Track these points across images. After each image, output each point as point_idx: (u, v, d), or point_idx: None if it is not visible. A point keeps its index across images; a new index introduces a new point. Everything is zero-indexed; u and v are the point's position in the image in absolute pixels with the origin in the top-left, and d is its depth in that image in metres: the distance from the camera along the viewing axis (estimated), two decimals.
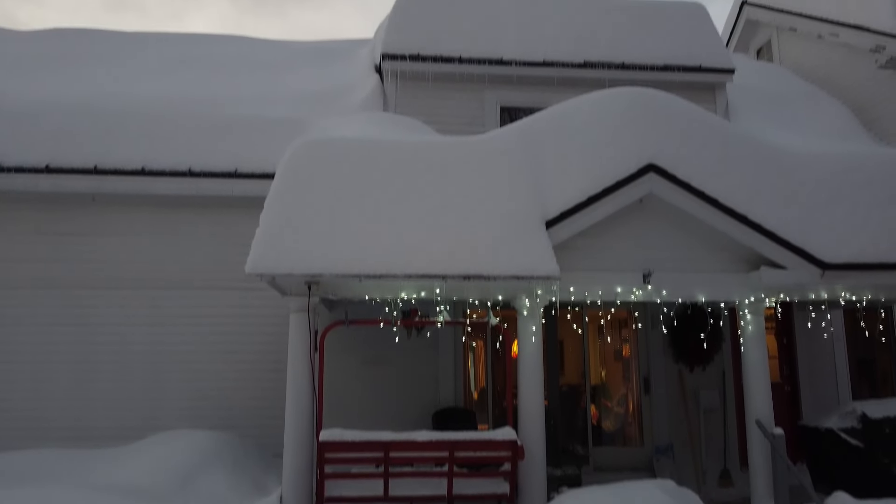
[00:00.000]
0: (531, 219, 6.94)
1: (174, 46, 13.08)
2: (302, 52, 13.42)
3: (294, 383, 6.87)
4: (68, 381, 9.21)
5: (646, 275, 7.26)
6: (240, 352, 9.44)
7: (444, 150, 7.37)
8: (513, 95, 10.59)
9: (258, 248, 6.55)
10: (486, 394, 10.06)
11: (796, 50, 13.96)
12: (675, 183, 7.18)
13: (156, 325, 9.42)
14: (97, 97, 10.38)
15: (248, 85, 11.55)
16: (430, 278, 6.58)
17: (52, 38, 13.05)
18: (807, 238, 7.30)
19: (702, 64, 10.73)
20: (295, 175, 6.96)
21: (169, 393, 9.28)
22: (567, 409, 10.05)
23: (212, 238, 9.66)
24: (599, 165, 7.24)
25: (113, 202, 9.56)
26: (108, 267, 9.50)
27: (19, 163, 9.22)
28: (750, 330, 7.52)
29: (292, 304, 6.99)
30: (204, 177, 9.40)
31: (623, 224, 7.41)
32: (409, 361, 9.49)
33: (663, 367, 9.94)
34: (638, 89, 7.75)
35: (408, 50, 10.27)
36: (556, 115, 7.67)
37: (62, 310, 9.36)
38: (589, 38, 10.74)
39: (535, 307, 7.17)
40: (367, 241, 6.69)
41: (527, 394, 7.07)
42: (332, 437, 6.34)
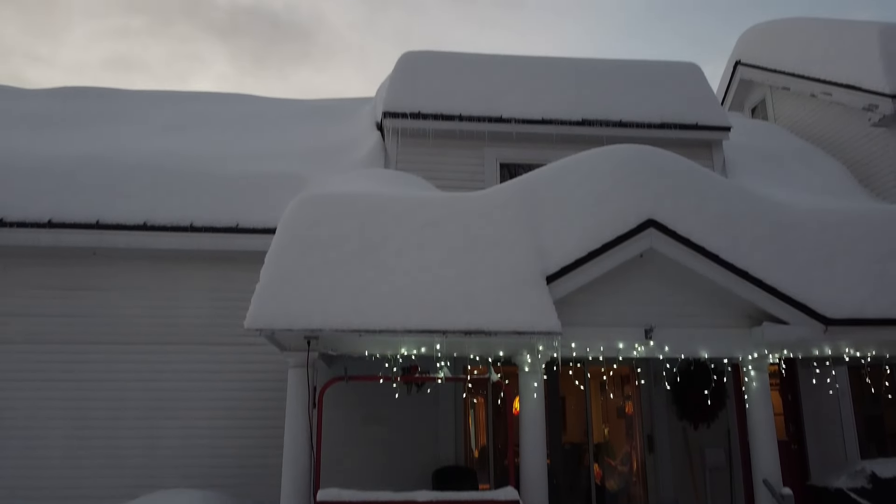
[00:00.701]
0: (531, 274, 6.94)
1: (180, 104, 13.32)
2: (305, 110, 13.66)
3: (292, 440, 6.75)
4: (61, 437, 9.05)
5: (647, 330, 7.21)
6: (237, 408, 9.30)
7: (445, 205, 7.42)
8: (512, 152, 10.72)
9: (258, 303, 6.53)
10: (487, 452, 9.87)
11: (790, 108, 14.20)
12: (674, 238, 7.21)
13: (153, 380, 9.31)
14: (102, 154, 10.51)
15: (252, 142, 11.71)
16: (431, 333, 6.54)
17: (60, 96, 13.31)
18: (808, 293, 7.29)
19: (698, 121, 10.91)
20: (295, 230, 6.99)
21: (164, 450, 9.12)
22: (570, 467, 9.86)
23: (212, 293, 9.64)
24: (599, 221, 7.28)
25: (114, 256, 9.58)
26: (107, 322, 9.45)
27: (22, 218, 9.26)
28: (754, 386, 7.43)
29: (291, 359, 6.92)
30: (205, 232, 9.43)
31: (624, 279, 7.40)
32: (408, 419, 9.35)
33: (667, 425, 9.78)
34: (636, 146, 7.85)
35: (409, 108, 10.45)
36: (556, 171, 7.75)
37: (58, 365, 9.27)
38: (587, 97, 10.94)
39: (537, 363, 7.10)
40: (367, 295, 6.67)
41: (529, 452, 6.93)
42: (329, 497, 6.19)
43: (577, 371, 9.59)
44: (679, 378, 9.59)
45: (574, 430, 10.29)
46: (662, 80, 11.43)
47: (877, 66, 11.58)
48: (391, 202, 7.35)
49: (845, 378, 10.11)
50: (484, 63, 11.35)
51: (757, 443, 7.34)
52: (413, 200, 7.42)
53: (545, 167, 7.87)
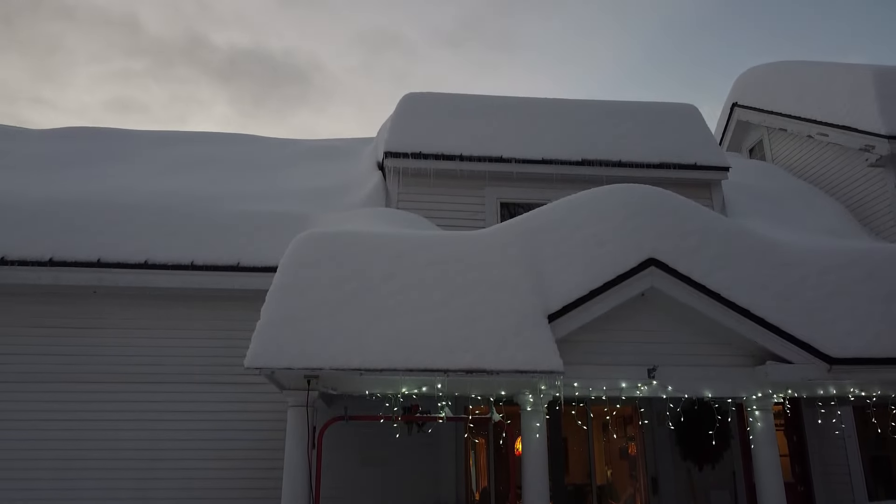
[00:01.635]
0: (533, 313, 6.91)
1: (181, 145, 13.45)
2: (306, 150, 13.79)
3: (291, 481, 6.64)
4: (57, 479, 8.91)
5: (650, 370, 7.16)
6: (235, 448, 9.18)
7: (445, 244, 7.43)
8: (512, 192, 10.79)
9: (257, 342, 6.49)
10: (489, 493, 9.71)
11: (788, 149, 14.34)
12: (676, 277, 7.21)
13: (149, 420, 9.21)
14: (104, 193, 10.59)
15: (253, 182, 11.80)
16: (432, 373, 6.48)
17: (63, 137, 13.45)
18: (812, 332, 7.25)
19: (697, 162, 11.00)
20: (297, 267, 6.99)
21: (161, 492, 8.97)
22: None
23: (211, 332, 9.59)
24: (600, 260, 7.28)
25: (114, 295, 9.56)
26: (104, 360, 9.38)
27: (23, 256, 9.27)
28: (759, 427, 7.35)
29: (290, 398, 6.85)
30: (206, 270, 9.43)
31: (626, 318, 7.37)
32: (408, 460, 9.22)
33: (671, 466, 9.65)
34: (637, 186, 7.91)
35: (410, 148, 10.56)
36: (556, 210, 7.79)
37: (52, 405, 9.17)
38: (587, 137, 11.06)
39: (539, 403, 7.03)
40: (367, 334, 6.63)
41: (532, 493, 6.82)
42: None
43: (579, 411, 9.48)
44: (683, 418, 9.48)
45: (577, 471, 10.15)
46: (661, 120, 11.57)
47: (872, 108, 11.72)
48: (392, 241, 7.37)
49: (851, 418, 10.01)
50: (484, 104, 11.50)
51: (763, 484, 7.23)
52: (414, 239, 7.44)
53: (546, 206, 7.91)
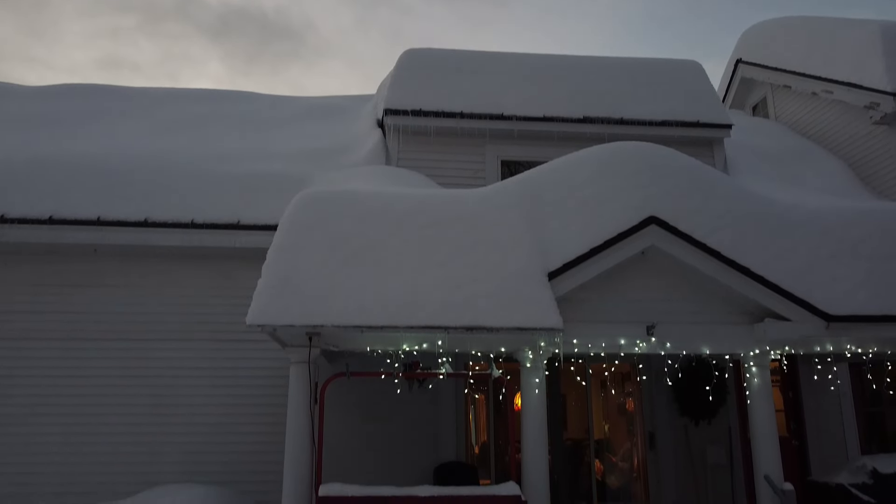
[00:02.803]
0: (533, 271, 6.94)
1: (179, 102, 13.31)
2: (305, 108, 13.65)
3: (293, 436, 6.74)
4: (61, 434, 9.03)
5: (649, 327, 7.21)
6: (237, 405, 9.29)
7: (446, 202, 7.42)
8: (513, 150, 10.72)
9: (259, 300, 6.52)
10: (488, 448, 9.88)
11: (791, 107, 14.20)
12: (676, 235, 7.21)
13: (153, 377, 9.30)
14: (103, 151, 10.52)
15: (253, 140, 11.71)
16: (433, 330, 6.54)
17: (59, 94, 13.30)
18: (810, 291, 7.29)
19: (699, 119, 10.90)
20: (297, 227, 6.99)
21: (164, 447, 9.10)
22: (571, 464, 9.86)
23: (213, 290, 9.63)
24: (601, 218, 7.28)
25: (114, 254, 9.57)
26: (107, 319, 9.43)
27: (23, 214, 9.25)
28: (756, 383, 7.43)
29: (293, 355, 6.92)
30: (206, 228, 9.42)
31: (626, 277, 7.40)
32: (408, 416, 9.34)
33: (668, 422, 9.79)
34: (638, 144, 7.85)
35: (410, 105, 10.45)
36: (558, 168, 7.75)
37: (57, 362, 9.25)
38: (588, 95, 10.94)
39: (539, 360, 7.10)
40: (369, 292, 6.67)
41: (530, 448, 6.94)
42: (331, 492, 6.20)
43: (578, 368, 9.59)
44: (681, 375, 9.60)
45: (575, 427, 10.31)
46: (664, 77, 11.43)
47: (878, 65, 11.58)
48: (393, 200, 7.35)
49: (846, 375, 10.12)
50: (484, 61, 11.35)
51: (758, 439, 7.34)
52: (415, 198, 7.42)
53: (547, 164, 7.87)
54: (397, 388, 8.39)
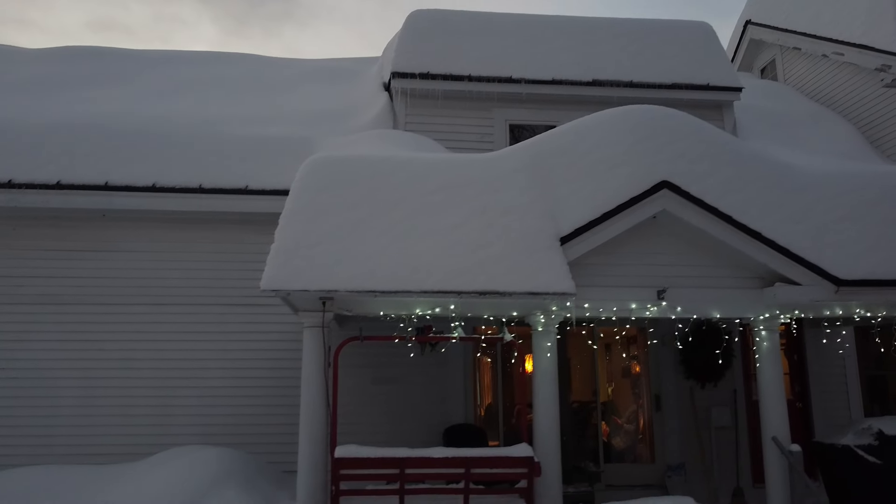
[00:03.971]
0: (545, 236, 6.95)
1: (182, 66, 13.16)
2: (309, 70, 13.50)
3: (308, 399, 6.83)
4: (74, 398, 9.12)
5: (660, 291, 7.25)
6: (248, 368, 9.37)
7: (457, 166, 7.39)
8: (521, 113, 10.64)
9: (273, 265, 6.54)
10: (496, 411, 10.00)
11: (801, 69, 14.06)
12: (688, 199, 7.20)
13: (163, 341, 9.35)
14: (108, 115, 10.44)
15: (258, 103, 11.61)
16: (446, 294, 6.57)
17: (58, 57, 13.14)
18: (820, 255, 7.31)
19: (709, 82, 10.80)
20: (309, 191, 6.98)
21: (176, 409, 9.20)
22: (578, 426, 9.99)
23: (221, 255, 9.64)
24: (612, 183, 7.26)
25: (123, 218, 9.56)
26: (116, 283, 9.46)
27: (30, 179, 9.22)
28: (765, 346, 7.50)
29: (306, 319, 6.96)
30: (214, 193, 9.40)
31: (636, 241, 7.41)
32: (417, 379, 9.43)
33: (674, 385, 9.89)
34: (649, 107, 7.80)
35: (418, 68, 10.34)
36: (568, 132, 7.71)
37: (68, 326, 9.29)
38: (597, 57, 10.81)
39: (550, 324, 7.15)
40: (381, 257, 6.69)
41: (541, 410, 7.03)
42: (347, 454, 6.30)
43: (584, 332, 9.65)
44: (687, 338, 9.67)
45: (582, 390, 10.41)
46: (673, 39, 11.28)
47: (890, 26, 11.43)
48: (403, 164, 7.33)
49: (851, 338, 10.20)
50: (491, 22, 11.19)
51: (766, 401, 7.43)
52: (425, 162, 7.40)
53: (557, 129, 7.82)
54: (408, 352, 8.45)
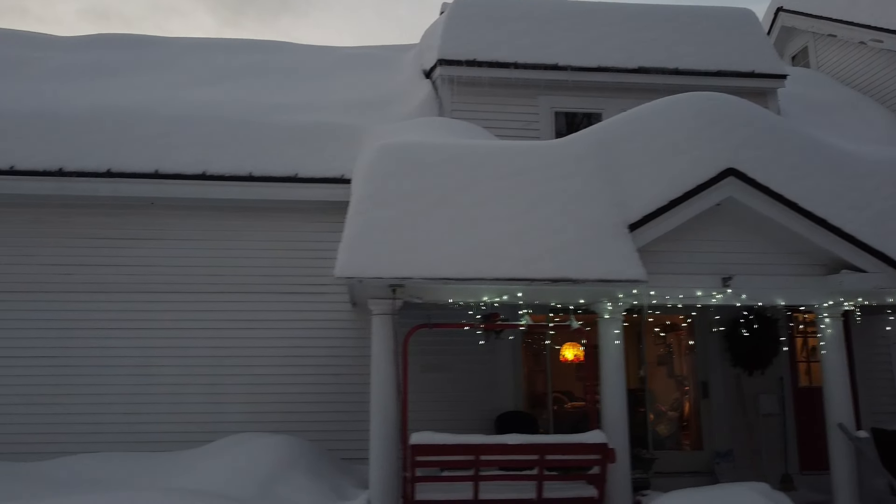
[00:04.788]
0: (613, 223, 6.96)
1: (217, 53, 13.10)
2: (343, 58, 13.41)
3: (378, 385, 6.85)
4: (126, 385, 9.13)
5: (725, 278, 7.27)
6: (299, 356, 9.37)
7: (523, 153, 7.39)
8: (566, 101, 10.61)
9: (346, 252, 6.55)
10: (542, 398, 10.04)
11: (835, 56, 14.01)
12: (754, 187, 7.21)
13: (214, 329, 9.35)
14: (153, 103, 10.40)
15: (299, 91, 11.56)
16: (518, 282, 6.59)
17: (93, 44, 13.09)
18: (883, 242, 7.33)
19: (754, 69, 10.77)
20: (379, 178, 6.98)
21: (228, 397, 9.21)
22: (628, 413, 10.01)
23: (270, 243, 9.63)
24: (678, 170, 7.27)
25: (172, 206, 9.54)
26: (166, 272, 9.45)
27: (81, 167, 9.21)
28: (829, 333, 7.53)
29: (375, 307, 6.97)
30: (264, 181, 9.40)
31: (700, 229, 7.43)
32: (465, 367, 9.43)
33: (721, 372, 9.92)
34: (712, 94, 7.79)
35: (464, 56, 10.30)
36: (631, 120, 7.70)
37: (119, 314, 9.30)
38: (641, 44, 10.77)
39: (617, 311, 7.18)
40: (452, 244, 6.69)
41: (609, 398, 7.07)
42: (423, 440, 6.32)
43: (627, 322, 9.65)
44: (734, 326, 9.69)
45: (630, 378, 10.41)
46: (716, 26, 11.23)
47: None
48: (471, 151, 7.32)
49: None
50: (535, 8, 11.11)
51: (831, 388, 7.47)
52: (491, 149, 7.39)
53: (620, 116, 7.81)
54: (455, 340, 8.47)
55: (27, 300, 9.18)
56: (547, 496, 6.62)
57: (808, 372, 10.23)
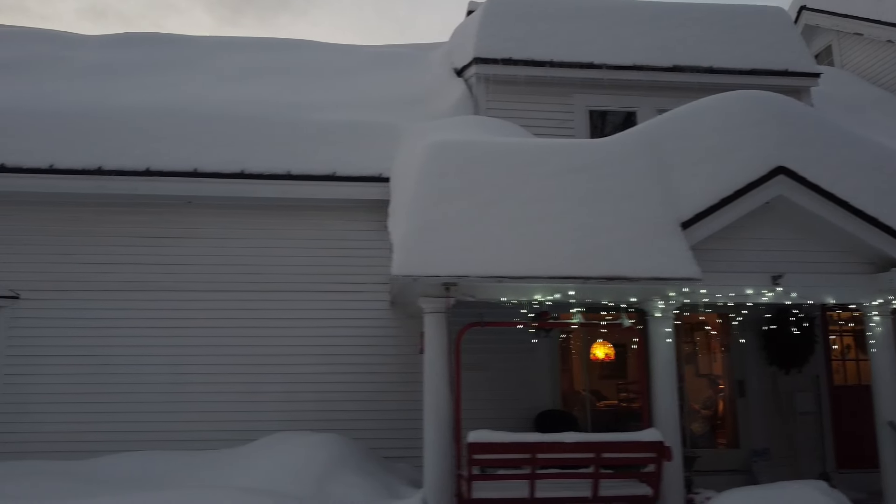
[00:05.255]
0: (665, 221, 6.97)
1: (244, 51, 13.08)
2: (368, 57, 13.40)
3: (432, 384, 6.84)
4: (164, 384, 9.10)
5: (775, 277, 7.27)
6: (335, 354, 9.34)
7: (572, 151, 7.39)
8: (600, 99, 10.61)
9: (402, 250, 6.55)
10: (577, 398, 10.04)
11: (860, 55, 14.02)
12: (804, 185, 7.22)
13: (251, 327, 9.32)
14: (186, 101, 10.40)
15: (328, 89, 11.56)
16: (572, 280, 6.59)
17: (123, 43, 13.06)
18: None
19: (788, 68, 10.78)
20: (432, 176, 6.98)
21: (264, 396, 9.18)
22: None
23: (307, 241, 9.60)
24: (727, 168, 7.28)
25: (209, 205, 9.52)
26: (203, 270, 9.42)
27: (119, 166, 9.19)
28: (879, 331, 7.54)
29: (427, 305, 6.96)
30: (302, 180, 9.36)
31: (749, 227, 7.44)
32: (502, 366, 9.42)
33: (756, 370, 9.93)
34: (759, 92, 7.81)
35: (500, 54, 10.29)
36: (678, 117, 7.70)
37: (156, 313, 9.26)
38: (675, 42, 10.77)
39: (668, 309, 7.18)
40: (505, 241, 6.70)
41: (661, 396, 7.07)
42: (481, 439, 6.32)
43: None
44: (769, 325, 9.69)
45: None
46: (748, 25, 11.23)
47: None
48: (520, 149, 7.32)
49: None
50: (569, 6, 11.10)
51: (880, 386, 7.48)
52: (541, 147, 7.39)
53: (667, 115, 7.82)
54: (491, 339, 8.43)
55: (65, 299, 9.16)
56: (602, 494, 6.62)
57: (842, 370, 10.25)
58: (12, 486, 6.45)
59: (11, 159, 9.07)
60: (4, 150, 9.11)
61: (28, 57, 11.78)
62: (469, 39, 10.81)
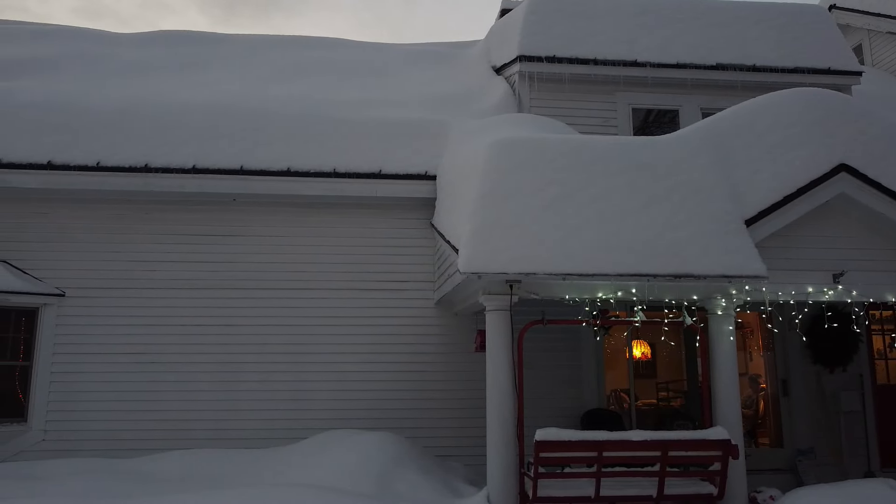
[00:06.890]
0: (730, 218, 6.95)
1: (283, 49, 13.07)
2: (406, 55, 13.36)
3: (495, 382, 6.82)
4: (212, 381, 9.11)
5: (836, 275, 7.26)
6: (382, 352, 9.35)
7: (636, 148, 7.36)
8: (643, 97, 10.59)
9: (470, 248, 6.53)
10: (623, 397, 10.03)
11: (893, 53, 13.98)
12: (867, 183, 7.20)
13: (297, 325, 9.34)
14: (231, 99, 10.37)
15: (370, 87, 11.53)
16: (639, 277, 6.57)
17: (157, 41, 13.04)
18: None
19: (830, 66, 10.75)
20: (498, 173, 6.95)
21: (312, 394, 9.19)
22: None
23: (353, 239, 9.61)
24: (791, 166, 7.26)
25: (255, 203, 9.52)
26: (249, 268, 9.43)
27: (166, 163, 9.19)
28: None
29: (491, 303, 6.94)
30: (348, 178, 9.36)
31: (811, 224, 7.41)
32: (548, 364, 9.42)
33: (800, 369, 9.91)
34: (819, 90, 7.79)
35: (544, 52, 10.27)
36: (742, 115, 7.68)
37: (203, 310, 9.28)
38: (718, 41, 10.75)
39: (730, 307, 7.16)
40: (572, 239, 6.68)
41: (723, 394, 7.06)
42: (548, 437, 6.31)
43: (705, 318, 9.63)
44: (813, 324, 9.67)
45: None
46: (790, 23, 11.20)
47: None
48: (585, 146, 7.30)
49: None
50: (611, 4, 11.09)
51: None
52: (605, 144, 7.37)
53: (727, 112, 7.79)
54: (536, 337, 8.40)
55: (112, 297, 9.17)
56: (667, 493, 6.61)
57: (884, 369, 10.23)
58: (81, 483, 6.43)
59: (59, 157, 9.07)
60: (51, 147, 9.10)
61: (70, 54, 11.78)
62: (511, 38, 10.79)
